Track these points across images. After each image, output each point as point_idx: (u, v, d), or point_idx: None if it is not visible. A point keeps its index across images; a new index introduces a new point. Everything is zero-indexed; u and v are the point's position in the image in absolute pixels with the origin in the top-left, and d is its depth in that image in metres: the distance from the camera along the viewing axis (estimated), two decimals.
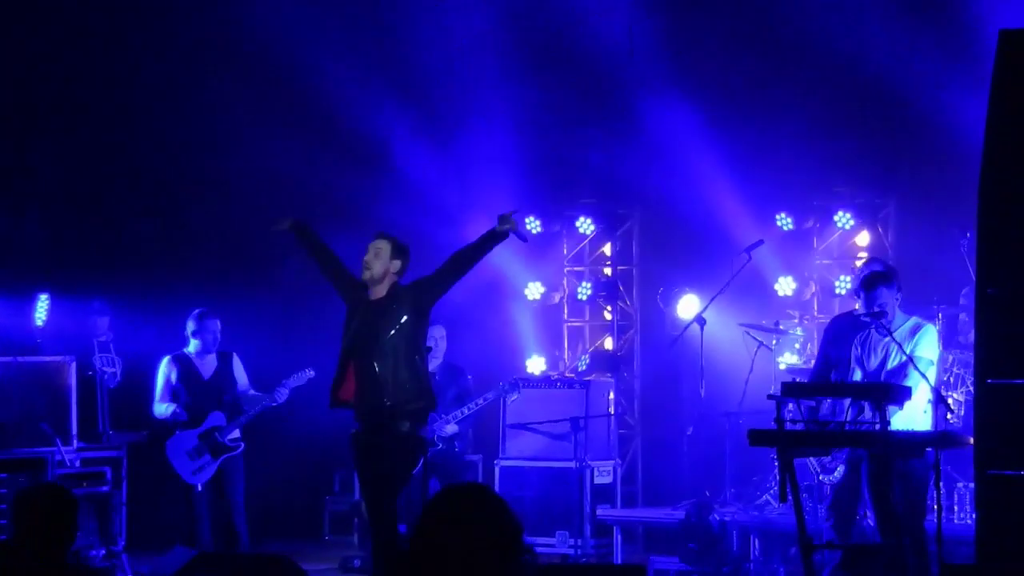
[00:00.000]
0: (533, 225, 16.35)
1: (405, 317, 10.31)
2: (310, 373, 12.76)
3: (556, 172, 16.51)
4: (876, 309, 10.28)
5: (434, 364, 13.65)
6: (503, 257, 16.43)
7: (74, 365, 13.55)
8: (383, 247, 10.46)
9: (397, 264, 10.45)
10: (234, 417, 12.80)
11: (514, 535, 4.66)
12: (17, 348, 13.38)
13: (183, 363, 12.96)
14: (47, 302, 13.94)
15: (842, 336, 11.01)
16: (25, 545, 6.50)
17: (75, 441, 13.42)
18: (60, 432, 13.17)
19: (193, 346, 12.95)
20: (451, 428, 13.44)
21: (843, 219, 15.04)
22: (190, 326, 12.94)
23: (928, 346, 10.41)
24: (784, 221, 15.22)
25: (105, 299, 14.17)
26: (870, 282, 10.42)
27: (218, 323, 12.95)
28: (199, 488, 12.72)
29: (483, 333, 16.05)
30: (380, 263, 10.42)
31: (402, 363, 10.30)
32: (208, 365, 12.98)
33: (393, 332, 10.30)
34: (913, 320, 10.51)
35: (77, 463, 13.32)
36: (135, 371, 14.16)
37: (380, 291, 10.44)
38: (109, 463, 13.54)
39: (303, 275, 14.29)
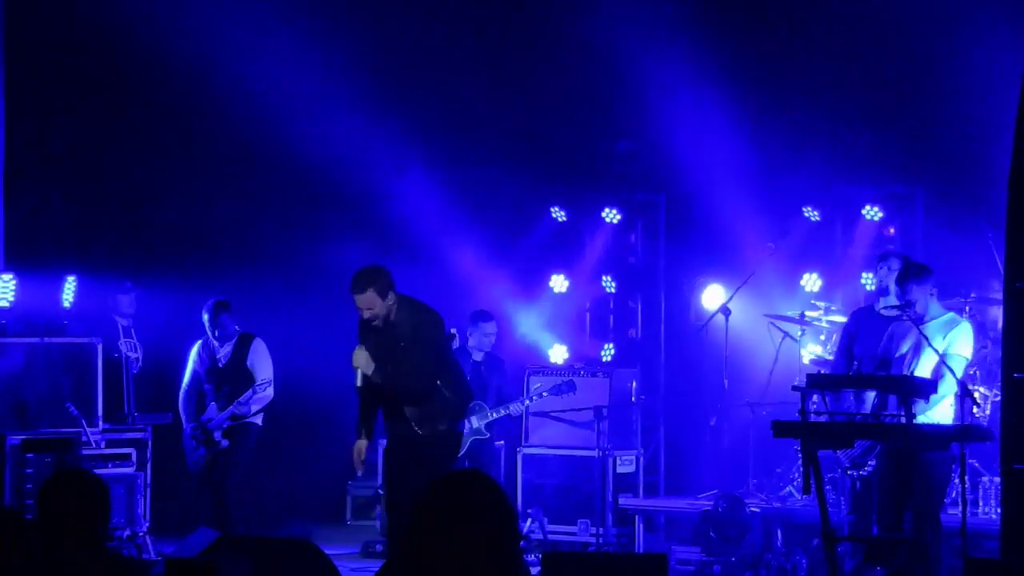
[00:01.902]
0: (559, 215, 16.35)
1: (409, 347, 10.26)
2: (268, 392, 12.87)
3: (581, 161, 16.49)
4: (904, 301, 10.25)
5: (479, 356, 13.84)
6: (528, 247, 16.47)
7: (101, 347, 13.61)
8: (371, 299, 10.21)
9: (391, 296, 10.28)
10: (224, 408, 12.90)
11: (509, 523, 4.66)
12: (44, 329, 13.41)
13: (207, 349, 13.08)
14: (75, 284, 13.99)
15: (864, 329, 11.01)
16: (55, 532, 6.44)
17: (100, 422, 13.48)
18: (86, 413, 13.23)
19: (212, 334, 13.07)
20: (519, 408, 13.95)
21: (871, 212, 14.99)
22: (204, 317, 13.03)
23: (963, 343, 10.39)
24: (811, 213, 15.18)
25: (131, 280, 14.24)
26: (901, 276, 10.41)
27: (229, 314, 13.01)
28: (197, 475, 13.00)
29: (508, 323, 16.05)
30: (381, 309, 10.24)
31: (422, 390, 10.28)
32: (224, 352, 13.06)
33: (403, 366, 10.26)
34: (948, 316, 10.48)
35: (102, 444, 13.39)
36: (161, 353, 14.22)
37: (391, 317, 10.34)
38: (134, 444, 13.61)
39: (334, 266, 14.34)
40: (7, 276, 13.57)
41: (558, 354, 15.99)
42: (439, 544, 4.57)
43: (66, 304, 13.99)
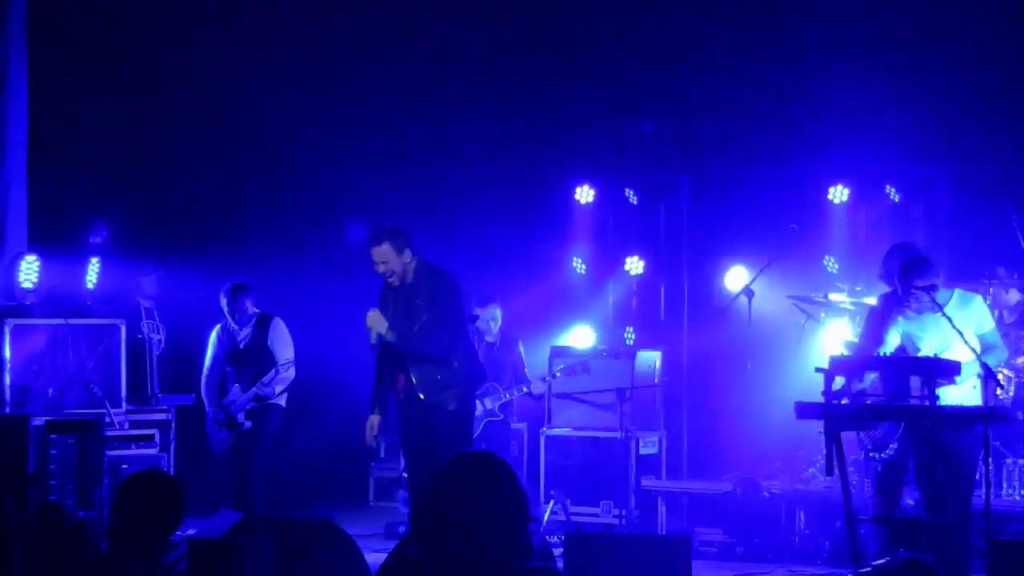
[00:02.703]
0: (585, 195, 16.32)
1: (426, 311, 10.28)
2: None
3: (604, 143, 16.46)
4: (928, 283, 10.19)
5: (492, 337, 13.85)
6: (551, 229, 16.46)
7: (124, 328, 13.63)
8: (387, 252, 10.29)
9: (407, 253, 10.33)
10: (247, 390, 12.92)
11: (519, 503, 4.66)
12: (68, 310, 13.44)
13: (226, 332, 13.11)
14: (98, 265, 14.01)
15: (890, 314, 10.97)
16: (126, 532, 6.39)
17: (124, 403, 13.51)
18: (109, 394, 13.26)
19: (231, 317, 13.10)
20: (541, 387, 13.92)
21: (893, 192, 14.95)
22: (223, 300, 13.05)
23: (986, 316, 10.38)
24: (834, 194, 15.13)
25: (155, 261, 14.27)
26: (905, 272, 10.33)
27: (248, 296, 13.02)
28: (222, 457, 13.00)
29: (531, 305, 16.05)
30: (397, 265, 10.29)
31: (436, 352, 10.28)
32: (244, 334, 13.09)
33: (416, 327, 10.28)
34: (957, 292, 10.44)
35: (126, 425, 13.43)
36: (185, 334, 14.25)
37: (407, 279, 10.36)
38: (157, 426, 13.65)
39: (355, 248, 14.35)
40: (31, 257, 13.60)
41: (581, 335, 15.97)
42: (450, 525, 4.58)
43: (90, 285, 14.01)
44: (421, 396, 10.27)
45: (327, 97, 15.93)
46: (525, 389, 13.89)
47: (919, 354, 10.24)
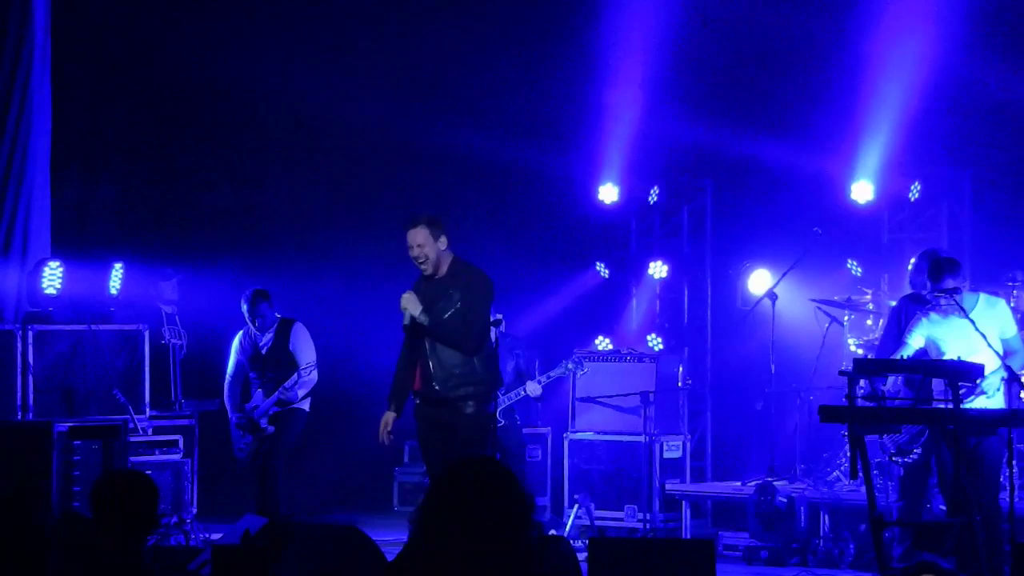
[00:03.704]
0: (610, 194, 16.28)
1: (460, 302, 10.28)
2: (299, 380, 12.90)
3: (628, 145, 16.44)
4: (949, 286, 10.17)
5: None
6: (573, 232, 16.46)
7: (147, 333, 13.65)
8: (423, 235, 10.29)
9: (444, 240, 10.34)
10: (270, 395, 12.94)
11: (521, 510, 4.65)
12: (92, 316, 13.46)
13: (248, 338, 13.16)
14: (121, 271, 14.04)
15: (913, 316, 10.94)
16: (105, 531, 6.45)
17: (148, 409, 13.53)
18: (133, 400, 13.28)
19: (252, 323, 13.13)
20: (537, 389, 13.69)
21: (915, 192, 14.93)
22: (243, 307, 13.08)
23: (1010, 320, 10.38)
24: (856, 195, 15.10)
25: (175, 267, 14.30)
26: (935, 271, 10.31)
27: (268, 303, 13.04)
28: (245, 463, 13.02)
29: (554, 307, 16.06)
30: (431, 250, 10.30)
31: (466, 340, 10.28)
32: (266, 340, 13.12)
33: (448, 315, 10.28)
34: (982, 296, 10.42)
35: (150, 431, 13.44)
36: (208, 340, 14.27)
37: (441, 271, 10.38)
38: (181, 431, 13.66)
39: (378, 253, 14.38)
40: (55, 263, 13.63)
41: (604, 340, 15.96)
42: (450, 531, 4.58)
43: (113, 291, 14.04)
44: (436, 387, 10.25)
45: (346, 100, 15.93)
46: (523, 393, 13.78)
47: (943, 357, 10.21)
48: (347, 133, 16.23)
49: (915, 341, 10.39)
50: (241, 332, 13.22)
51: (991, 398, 10.08)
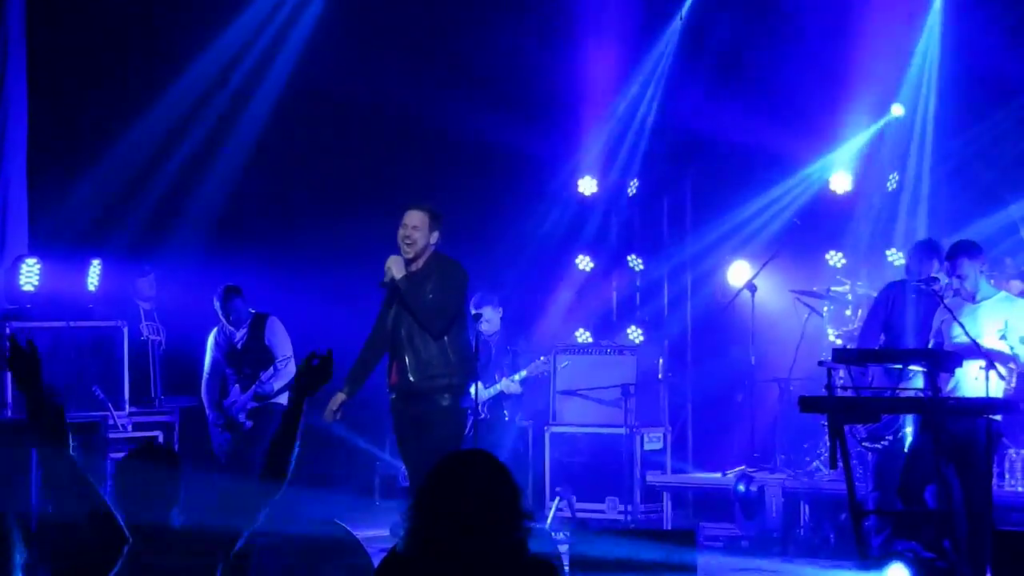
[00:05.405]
0: (589, 186, 16.26)
1: (431, 293, 10.28)
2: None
3: (609, 134, 16.43)
4: (956, 277, 10.12)
5: (492, 337, 13.75)
6: (553, 224, 16.43)
7: (126, 330, 13.62)
8: (422, 219, 10.35)
9: (436, 236, 10.38)
10: (247, 390, 12.93)
11: (513, 502, 4.65)
12: (70, 313, 13.43)
13: (223, 335, 13.15)
14: (99, 267, 14.00)
15: (897, 304, 10.94)
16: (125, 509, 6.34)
17: (127, 406, 13.50)
18: (112, 397, 13.24)
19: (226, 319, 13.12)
20: (513, 387, 13.72)
21: (893, 181, 14.95)
22: (216, 304, 13.08)
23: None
24: (836, 185, 15.10)
25: (153, 263, 14.26)
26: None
27: (241, 299, 13.04)
28: (222, 461, 13.00)
29: (533, 301, 16.04)
30: (422, 236, 10.32)
31: (430, 338, 10.29)
32: (241, 335, 13.11)
33: (427, 301, 10.29)
34: (1003, 294, 10.38)
35: (129, 427, 13.41)
36: (187, 336, 14.23)
37: (418, 264, 10.38)
38: (161, 427, 13.64)
39: (354, 248, 14.35)
40: (32, 260, 13.58)
41: (584, 332, 15.96)
42: (443, 524, 4.57)
43: (91, 288, 14.00)
44: (411, 378, 10.26)
45: (324, 94, 15.89)
46: (499, 388, 13.79)
47: (947, 344, 10.19)
48: (325, 126, 16.18)
49: (956, 331, 10.20)
50: (216, 329, 13.21)
51: (973, 384, 10.02)
